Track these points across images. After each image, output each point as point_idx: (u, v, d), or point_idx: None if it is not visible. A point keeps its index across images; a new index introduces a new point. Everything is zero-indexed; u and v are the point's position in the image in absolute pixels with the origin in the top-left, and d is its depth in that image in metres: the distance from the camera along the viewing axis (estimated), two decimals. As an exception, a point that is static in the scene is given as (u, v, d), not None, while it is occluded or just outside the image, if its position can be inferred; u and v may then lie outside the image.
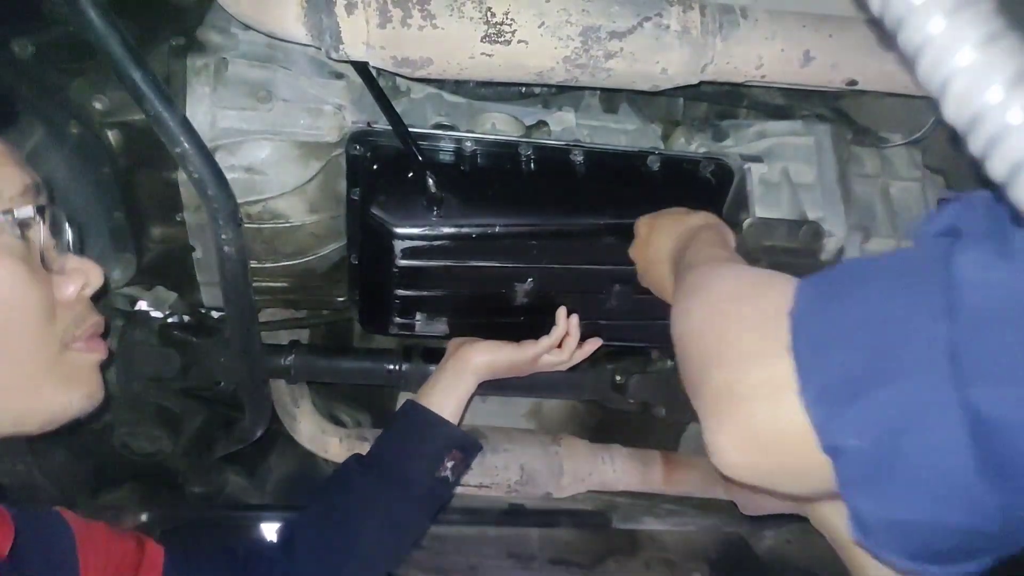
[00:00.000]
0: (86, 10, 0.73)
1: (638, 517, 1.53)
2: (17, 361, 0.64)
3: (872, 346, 0.44)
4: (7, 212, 0.64)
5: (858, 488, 0.45)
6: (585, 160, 1.05)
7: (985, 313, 0.40)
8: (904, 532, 0.45)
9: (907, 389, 0.42)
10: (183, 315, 1.23)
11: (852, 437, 0.44)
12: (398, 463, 1.06)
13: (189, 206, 1.02)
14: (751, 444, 0.53)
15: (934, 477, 0.42)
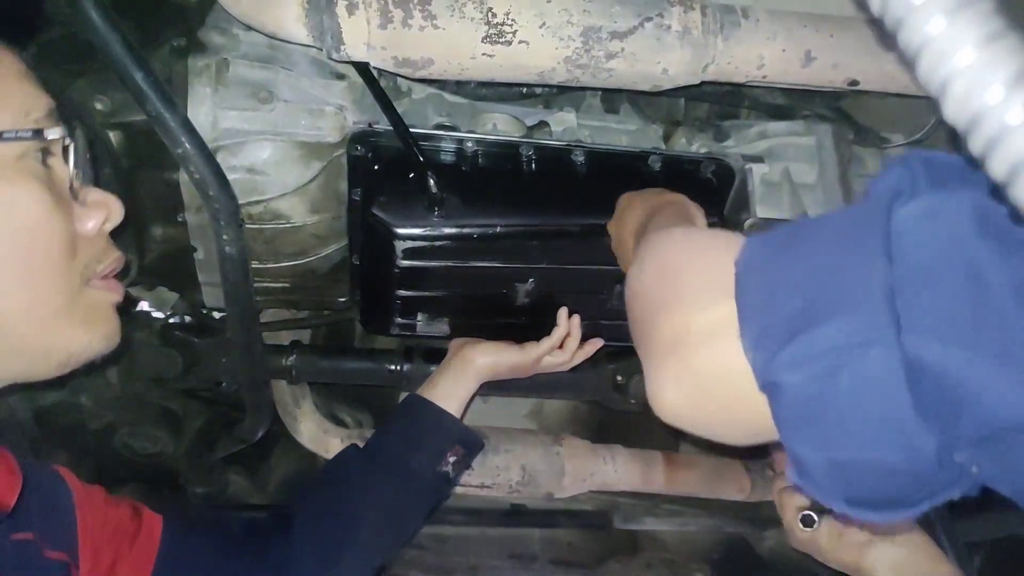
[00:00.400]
0: (88, 10, 0.73)
1: (639, 517, 1.53)
2: (38, 293, 0.61)
3: (813, 290, 0.44)
4: (37, 132, 0.62)
5: (795, 426, 0.45)
6: (586, 160, 1.05)
7: (922, 265, 0.40)
8: (842, 474, 0.45)
9: (845, 326, 0.42)
10: (184, 315, 1.23)
11: (789, 373, 0.44)
12: (400, 454, 1.05)
13: (190, 207, 1.03)
14: (693, 387, 0.53)
15: (871, 413, 0.42)
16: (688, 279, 0.57)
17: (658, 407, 0.56)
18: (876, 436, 0.42)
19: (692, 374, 0.53)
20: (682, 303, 0.55)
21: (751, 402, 0.47)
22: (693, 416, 0.55)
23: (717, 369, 0.51)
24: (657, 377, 0.56)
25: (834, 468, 0.45)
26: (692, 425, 0.56)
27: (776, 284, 0.47)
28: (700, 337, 0.52)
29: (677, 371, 0.54)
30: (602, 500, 1.55)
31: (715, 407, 0.53)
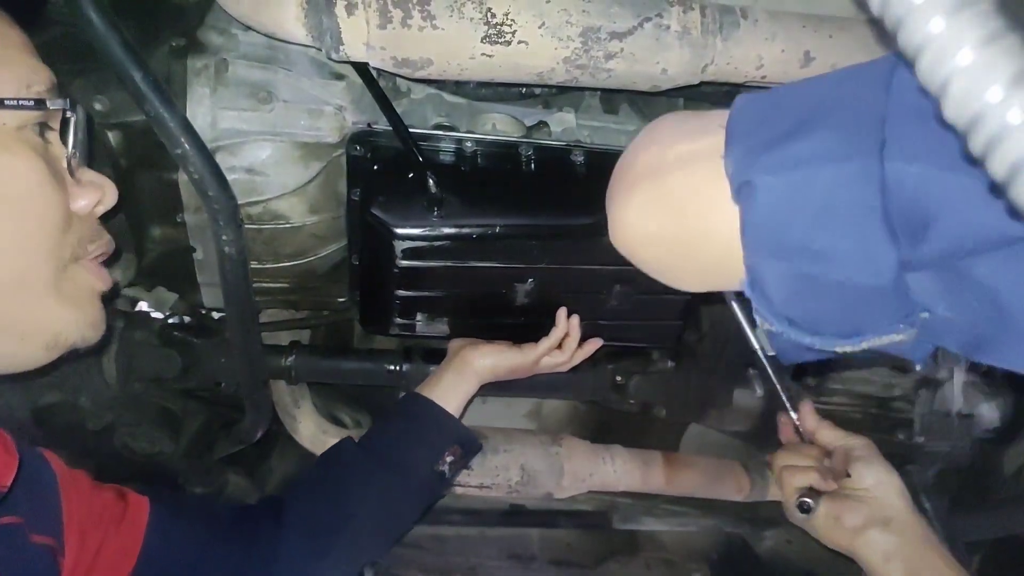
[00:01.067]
0: (87, 10, 0.73)
1: (638, 517, 1.53)
2: (29, 262, 0.61)
3: (805, 112, 0.44)
4: (39, 102, 0.62)
5: (761, 232, 0.45)
6: (586, 160, 1.05)
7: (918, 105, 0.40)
8: (794, 288, 0.45)
9: (829, 138, 0.42)
10: (184, 316, 1.23)
11: (766, 173, 0.43)
12: (397, 449, 1.05)
13: (189, 207, 1.03)
14: (662, 210, 0.52)
15: (839, 222, 0.42)
16: (675, 124, 0.56)
17: (618, 234, 0.56)
18: (839, 246, 0.42)
19: (663, 198, 0.52)
20: (660, 140, 0.55)
21: (718, 221, 0.47)
22: (653, 243, 0.54)
23: (691, 193, 0.50)
24: (625, 202, 0.55)
25: (787, 281, 0.45)
26: (650, 254, 0.55)
27: (769, 113, 0.47)
28: (676, 163, 0.51)
29: (647, 195, 0.53)
30: (601, 500, 1.55)
31: (679, 231, 0.52)
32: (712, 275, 0.53)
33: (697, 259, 0.53)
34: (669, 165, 0.52)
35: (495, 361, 1.13)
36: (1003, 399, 1.31)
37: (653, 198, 0.53)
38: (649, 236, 0.54)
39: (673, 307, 1.19)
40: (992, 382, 1.32)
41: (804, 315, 0.46)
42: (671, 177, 0.52)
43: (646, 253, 0.56)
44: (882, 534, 0.85)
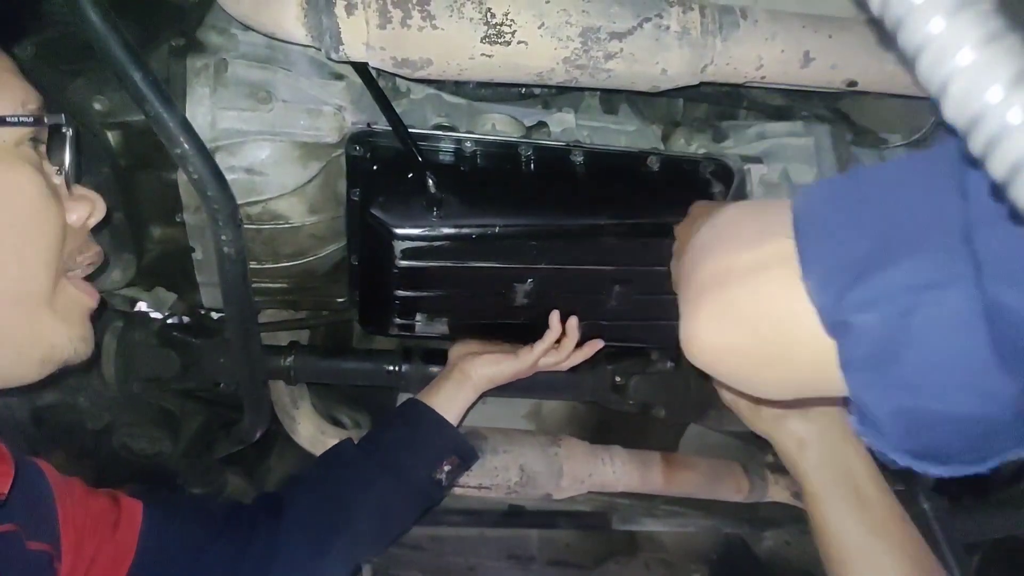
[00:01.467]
0: (86, 10, 0.72)
1: (638, 518, 1.53)
2: (27, 274, 0.63)
3: (884, 229, 0.42)
4: (37, 119, 0.64)
5: (863, 370, 0.43)
6: (585, 160, 1.05)
7: (1000, 213, 0.37)
8: (909, 423, 0.43)
9: (921, 266, 0.40)
10: (183, 316, 1.23)
11: (861, 312, 0.41)
12: (396, 454, 1.06)
13: (189, 207, 1.02)
14: (733, 322, 0.51)
15: (947, 357, 0.40)
16: (735, 227, 0.55)
17: (692, 348, 0.54)
18: (951, 381, 0.40)
19: (734, 310, 0.50)
20: (725, 245, 0.53)
21: (799, 342, 0.45)
22: (730, 358, 0.52)
23: (767, 304, 0.48)
24: (693, 315, 0.53)
25: (901, 416, 0.43)
26: (727, 368, 0.53)
27: (842, 223, 0.45)
28: (744, 274, 0.50)
29: (716, 307, 0.51)
30: (600, 501, 1.55)
31: (755, 346, 0.50)
32: (797, 387, 0.52)
33: (778, 372, 0.51)
34: (736, 275, 0.50)
35: (494, 371, 1.14)
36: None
37: (722, 312, 0.51)
38: (722, 350, 0.53)
39: (673, 307, 1.18)
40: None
41: (925, 447, 0.44)
42: (740, 288, 0.50)
43: (721, 368, 0.54)
44: (799, 421, 0.85)
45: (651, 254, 1.09)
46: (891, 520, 0.80)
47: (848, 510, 0.81)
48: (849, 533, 0.80)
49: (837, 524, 0.81)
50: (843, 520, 0.81)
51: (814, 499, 0.83)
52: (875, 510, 0.80)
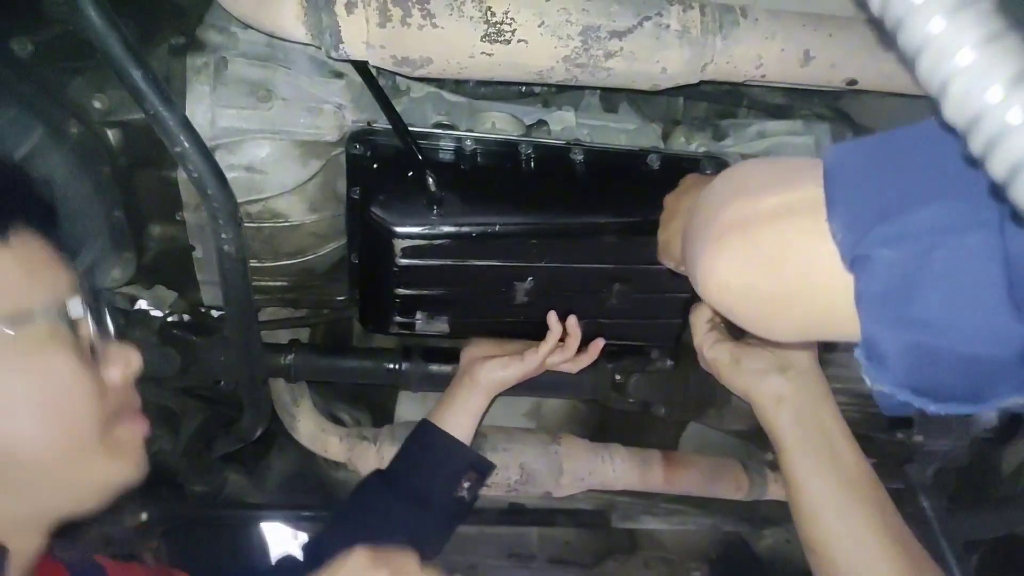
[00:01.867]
0: (86, 9, 0.72)
1: (637, 516, 1.53)
2: (76, 444, 0.68)
3: (911, 176, 0.43)
4: (61, 309, 0.70)
5: (878, 304, 0.44)
6: (585, 159, 1.05)
7: None
8: (916, 360, 0.44)
9: (946, 209, 0.41)
10: (183, 314, 1.23)
11: (882, 247, 0.43)
12: (418, 484, 1.11)
13: (189, 205, 1.02)
14: (757, 262, 0.52)
15: (962, 297, 0.41)
16: (756, 177, 0.56)
17: (711, 286, 0.55)
18: (964, 321, 0.41)
19: (759, 250, 0.51)
20: (750, 191, 0.54)
21: (820, 285, 0.46)
22: (749, 298, 0.53)
23: (788, 247, 0.50)
24: (716, 255, 0.54)
25: (910, 352, 0.44)
26: (744, 308, 0.54)
27: (871, 172, 0.46)
28: (771, 216, 0.51)
29: (740, 247, 0.52)
30: (600, 499, 1.55)
31: (776, 286, 0.51)
32: (811, 329, 0.53)
33: (794, 314, 0.53)
34: (761, 217, 0.51)
35: (502, 375, 1.16)
36: (1002, 399, 1.30)
37: (745, 252, 0.52)
38: (742, 290, 0.54)
39: (673, 306, 1.19)
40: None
41: (927, 384, 0.45)
42: (765, 230, 0.51)
43: (739, 307, 0.55)
44: (777, 378, 0.85)
45: (651, 252, 1.09)
46: (864, 480, 0.80)
47: (821, 466, 0.80)
48: (821, 489, 0.80)
49: (810, 479, 0.81)
50: (816, 475, 0.80)
51: (788, 454, 0.82)
52: (849, 469, 0.80)
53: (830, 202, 0.47)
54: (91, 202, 1.02)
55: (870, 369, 0.47)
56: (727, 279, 0.54)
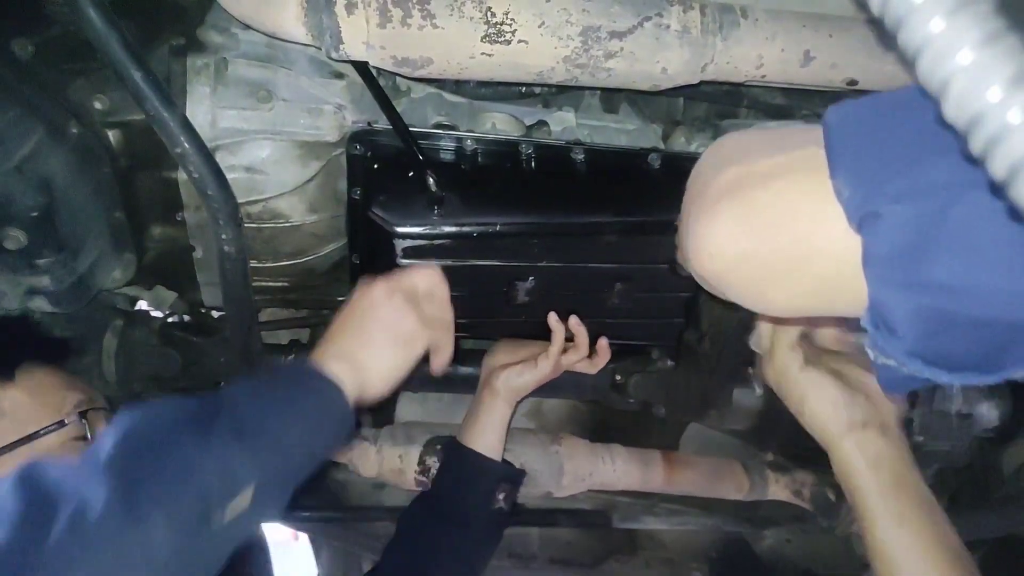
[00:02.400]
0: (86, 10, 0.73)
1: (638, 517, 1.53)
2: None
3: (924, 129, 0.40)
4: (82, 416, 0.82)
5: (887, 267, 0.41)
6: (586, 159, 1.05)
7: None
8: (927, 323, 0.41)
9: (956, 165, 0.38)
10: (183, 315, 1.23)
11: (893, 203, 0.40)
12: (455, 505, 1.16)
13: (189, 206, 1.03)
14: (752, 226, 0.48)
15: (980, 258, 0.38)
16: (746, 144, 0.53)
17: (702, 256, 0.51)
18: (981, 282, 0.39)
19: (753, 214, 0.48)
20: (744, 155, 0.51)
21: (821, 248, 0.44)
22: (743, 266, 0.50)
23: (785, 209, 0.46)
24: (708, 221, 0.50)
25: (921, 316, 0.41)
26: (739, 276, 0.51)
27: (879, 125, 0.43)
28: (766, 177, 0.48)
29: (734, 211, 0.49)
30: (601, 499, 1.55)
31: (774, 250, 0.48)
32: (810, 301, 0.50)
33: (793, 283, 0.49)
34: (756, 179, 0.48)
35: (518, 383, 1.18)
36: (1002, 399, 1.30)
37: (740, 216, 0.49)
38: (737, 258, 0.50)
39: (674, 305, 1.19)
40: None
41: (940, 352, 0.42)
42: (761, 192, 0.48)
43: (733, 278, 0.52)
44: (879, 438, 0.79)
45: (652, 252, 1.09)
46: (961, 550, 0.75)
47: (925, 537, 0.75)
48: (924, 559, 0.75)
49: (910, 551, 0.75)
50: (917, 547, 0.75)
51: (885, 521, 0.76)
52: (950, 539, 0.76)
53: (834, 158, 0.44)
54: (92, 203, 1.02)
55: (877, 338, 0.44)
56: (721, 246, 0.50)
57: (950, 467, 1.38)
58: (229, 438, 0.65)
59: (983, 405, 1.29)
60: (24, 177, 0.92)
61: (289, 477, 0.71)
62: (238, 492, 0.64)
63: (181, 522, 0.60)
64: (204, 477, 0.62)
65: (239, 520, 0.65)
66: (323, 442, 0.75)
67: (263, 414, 0.70)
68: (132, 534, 0.57)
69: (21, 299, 1.02)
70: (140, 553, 0.57)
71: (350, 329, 0.80)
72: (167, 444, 0.63)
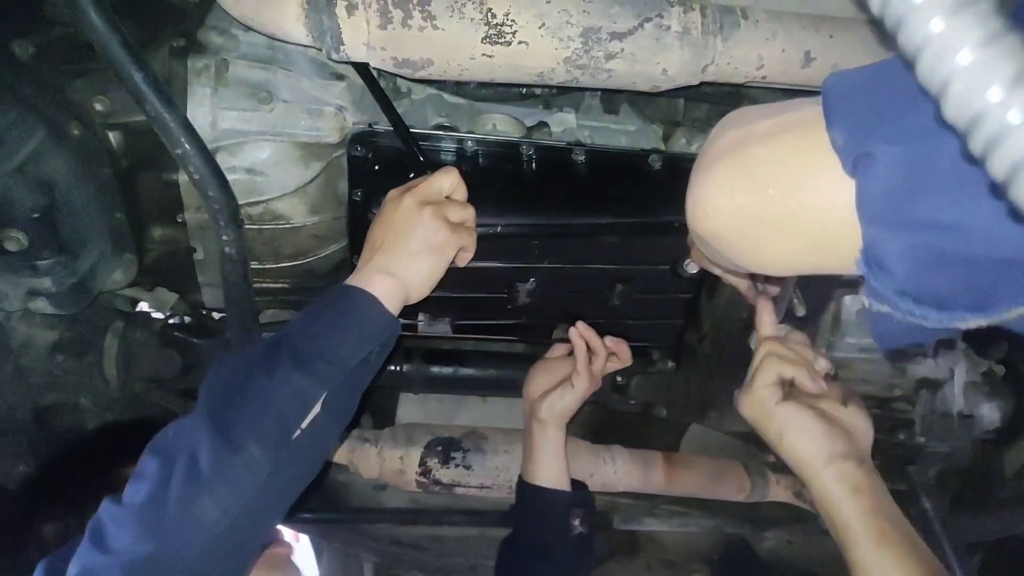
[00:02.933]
0: (87, 11, 0.73)
1: (639, 518, 1.53)
2: None
3: (912, 83, 0.40)
4: None
5: (880, 206, 0.42)
6: (586, 160, 1.05)
7: None
8: (919, 261, 0.42)
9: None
10: (184, 316, 1.23)
11: (887, 144, 0.41)
12: (535, 541, 1.17)
13: (190, 207, 1.03)
14: (747, 181, 0.50)
15: (970, 195, 0.39)
16: (755, 110, 0.54)
17: (699, 212, 0.52)
18: (970, 220, 0.39)
19: (749, 169, 0.50)
20: (745, 121, 0.52)
21: (814, 201, 0.45)
22: (738, 221, 0.51)
23: (780, 163, 0.48)
24: (706, 178, 0.52)
25: (913, 255, 0.42)
26: (733, 234, 0.52)
27: (874, 81, 0.45)
28: (763, 136, 0.49)
29: (731, 167, 0.51)
30: (602, 500, 1.54)
31: (769, 204, 0.49)
32: (804, 256, 0.51)
33: (787, 238, 0.50)
34: (753, 138, 0.50)
35: (562, 407, 1.18)
36: (1004, 400, 1.30)
37: (737, 170, 0.51)
38: (733, 214, 0.52)
39: (674, 306, 1.19)
40: (993, 383, 1.32)
41: (930, 290, 0.43)
42: (757, 148, 0.50)
43: (729, 234, 0.53)
44: (858, 468, 0.82)
45: (652, 253, 1.09)
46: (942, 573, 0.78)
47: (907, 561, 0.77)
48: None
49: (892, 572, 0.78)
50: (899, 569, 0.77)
51: (865, 546, 0.78)
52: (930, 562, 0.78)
53: (830, 112, 0.45)
54: (92, 204, 1.02)
55: (870, 277, 0.45)
56: (717, 203, 0.52)
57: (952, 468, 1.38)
58: (291, 367, 0.78)
59: (984, 406, 1.29)
60: (25, 178, 0.92)
61: (353, 383, 0.83)
62: (308, 408, 0.78)
63: (269, 443, 0.74)
64: (278, 404, 0.76)
65: (316, 427, 0.78)
66: (371, 347, 0.84)
67: (316, 339, 0.81)
68: (235, 461, 0.73)
69: (22, 300, 1.02)
70: (246, 473, 0.73)
71: (388, 244, 0.89)
72: (244, 386, 0.78)
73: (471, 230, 0.94)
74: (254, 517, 0.76)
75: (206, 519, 0.71)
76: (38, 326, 1.15)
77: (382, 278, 0.87)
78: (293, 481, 0.80)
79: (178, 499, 0.71)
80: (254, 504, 0.74)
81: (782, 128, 0.49)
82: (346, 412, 0.84)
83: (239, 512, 0.73)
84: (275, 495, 0.78)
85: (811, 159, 0.46)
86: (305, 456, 0.80)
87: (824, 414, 0.87)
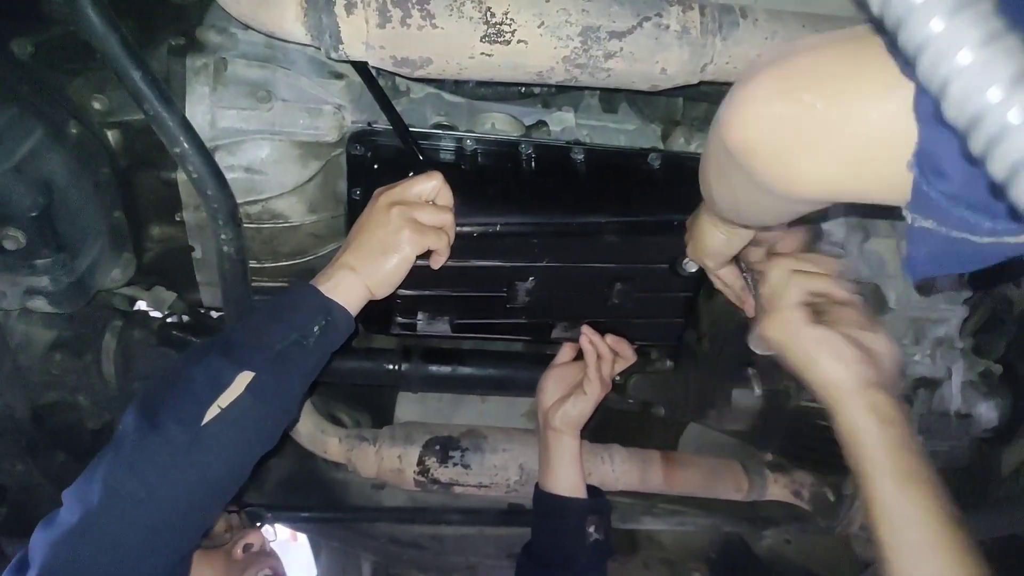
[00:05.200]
0: (86, 10, 0.73)
1: (637, 517, 1.53)
2: None
3: None
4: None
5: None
6: (586, 159, 1.05)
7: None
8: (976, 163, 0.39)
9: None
10: (182, 315, 1.23)
11: None
12: (554, 549, 1.19)
13: (188, 206, 1.02)
14: (784, 89, 0.48)
15: None
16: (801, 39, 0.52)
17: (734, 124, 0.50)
18: None
19: (788, 77, 0.48)
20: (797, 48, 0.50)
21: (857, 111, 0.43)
22: (774, 129, 0.49)
23: (821, 69, 0.46)
24: (745, 90, 0.50)
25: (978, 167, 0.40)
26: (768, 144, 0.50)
27: None
28: (806, 48, 0.47)
29: (770, 78, 0.48)
30: (600, 500, 1.55)
31: (807, 113, 0.47)
32: (840, 175, 0.48)
33: (827, 148, 0.48)
34: (800, 49, 0.48)
35: (576, 414, 1.19)
36: (1002, 399, 1.30)
37: (778, 78, 0.48)
38: (770, 123, 0.49)
39: (673, 305, 1.19)
40: (990, 382, 1.33)
41: (985, 198, 0.40)
42: (801, 57, 0.48)
43: (765, 145, 0.50)
44: (888, 399, 0.77)
45: (651, 252, 1.09)
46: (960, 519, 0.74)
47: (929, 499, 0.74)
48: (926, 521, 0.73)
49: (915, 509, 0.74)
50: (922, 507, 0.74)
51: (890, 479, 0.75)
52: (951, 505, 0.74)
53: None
54: (91, 203, 1.02)
55: (922, 183, 0.42)
56: (755, 111, 0.50)
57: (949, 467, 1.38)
58: (218, 353, 0.83)
59: (982, 405, 1.29)
60: (23, 177, 0.92)
61: (285, 366, 0.85)
62: (222, 387, 0.81)
63: (186, 420, 0.79)
64: (195, 384, 0.81)
65: (241, 408, 0.81)
66: (300, 332, 0.86)
67: (247, 330, 0.86)
68: (155, 439, 0.78)
69: (20, 299, 1.02)
70: (166, 449, 0.78)
71: (356, 241, 0.93)
72: (174, 375, 0.84)
73: (441, 233, 0.94)
74: (181, 491, 0.80)
75: (125, 491, 0.77)
76: (36, 325, 1.15)
77: (344, 273, 0.91)
78: (226, 461, 0.83)
79: (103, 475, 0.78)
80: (178, 479, 0.79)
81: (829, 39, 0.48)
82: (285, 394, 0.86)
83: (160, 485, 0.78)
84: (203, 472, 0.81)
85: (859, 65, 0.44)
86: (233, 435, 0.82)
87: (858, 341, 0.80)
